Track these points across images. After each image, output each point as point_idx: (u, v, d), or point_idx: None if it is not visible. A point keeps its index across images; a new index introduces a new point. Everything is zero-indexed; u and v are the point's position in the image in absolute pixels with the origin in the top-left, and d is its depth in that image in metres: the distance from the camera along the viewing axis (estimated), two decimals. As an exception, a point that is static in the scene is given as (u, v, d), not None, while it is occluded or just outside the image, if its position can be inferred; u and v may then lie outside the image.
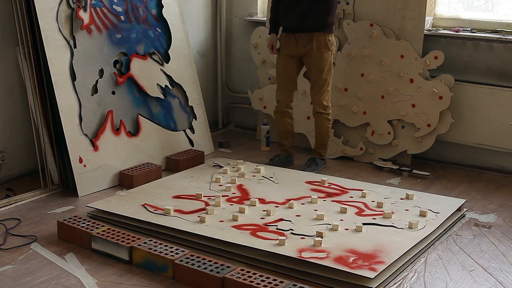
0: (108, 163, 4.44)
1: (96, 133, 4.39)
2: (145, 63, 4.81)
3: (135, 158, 4.63)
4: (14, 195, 4.21)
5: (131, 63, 4.70)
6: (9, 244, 3.57)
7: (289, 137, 4.91)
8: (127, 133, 4.61)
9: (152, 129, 4.80)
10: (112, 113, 4.52)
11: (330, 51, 4.59)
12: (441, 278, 3.25)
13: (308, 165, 4.79)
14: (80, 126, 4.29)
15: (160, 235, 3.61)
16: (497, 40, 4.68)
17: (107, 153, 4.45)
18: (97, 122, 4.42)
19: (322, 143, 4.82)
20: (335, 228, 3.60)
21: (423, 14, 4.77)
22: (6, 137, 4.45)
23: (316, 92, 4.68)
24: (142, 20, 4.80)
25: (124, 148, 4.58)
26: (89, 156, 4.33)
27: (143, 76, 4.78)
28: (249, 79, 5.80)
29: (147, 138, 4.75)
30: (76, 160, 4.24)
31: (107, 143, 4.46)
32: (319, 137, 4.80)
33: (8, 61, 4.38)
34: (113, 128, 4.52)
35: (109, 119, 4.49)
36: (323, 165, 4.86)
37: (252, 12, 5.78)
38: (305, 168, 4.76)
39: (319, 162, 4.82)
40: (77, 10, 4.34)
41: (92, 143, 4.36)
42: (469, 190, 4.46)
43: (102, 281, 3.18)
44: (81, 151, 4.28)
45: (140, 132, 4.71)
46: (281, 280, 3.04)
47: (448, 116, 4.76)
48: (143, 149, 4.71)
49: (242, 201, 4.06)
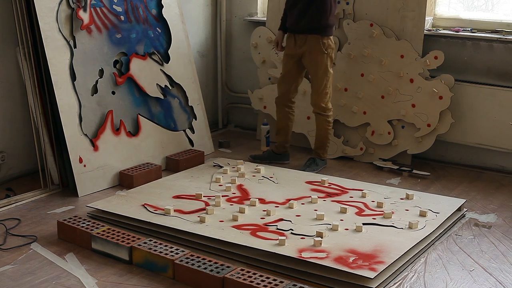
0: (108, 163, 4.44)
1: (96, 133, 4.39)
2: (144, 63, 4.81)
3: (135, 158, 4.63)
4: (14, 195, 4.21)
5: (131, 63, 4.70)
6: (9, 244, 3.57)
7: (281, 134, 4.94)
8: (127, 133, 4.61)
9: (152, 129, 4.80)
10: (112, 113, 4.52)
11: (326, 53, 4.59)
12: (441, 278, 3.25)
13: (308, 165, 4.79)
14: (80, 126, 4.29)
15: (160, 235, 3.61)
16: (497, 40, 4.68)
17: (107, 153, 4.45)
18: (97, 122, 4.42)
19: (321, 144, 4.83)
20: (335, 228, 3.60)
21: (423, 14, 4.77)
22: (6, 137, 4.45)
23: (313, 93, 4.72)
24: (142, 20, 4.80)
25: (124, 148, 4.58)
26: (89, 156, 4.33)
27: (143, 76, 4.78)
28: (249, 79, 5.80)
29: (147, 138, 4.75)
30: (76, 160, 4.24)
31: (107, 143, 4.46)
32: (318, 137, 4.82)
33: (8, 61, 4.38)
34: (113, 128, 4.52)
35: (109, 119, 4.49)
36: (323, 165, 4.86)
37: (252, 12, 5.78)
38: (305, 168, 4.76)
39: (319, 162, 4.82)
40: (77, 10, 4.34)
41: (92, 143, 4.36)
42: (469, 190, 4.46)
43: (102, 281, 3.18)
44: (81, 151, 4.28)
45: (140, 132, 4.71)
46: (281, 280, 3.04)
47: (448, 116, 4.76)
48: (143, 149, 4.71)
49: (242, 201, 4.06)
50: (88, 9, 4.43)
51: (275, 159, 4.96)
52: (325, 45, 4.58)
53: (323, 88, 4.65)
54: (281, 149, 4.99)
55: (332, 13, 4.58)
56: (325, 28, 4.58)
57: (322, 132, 4.78)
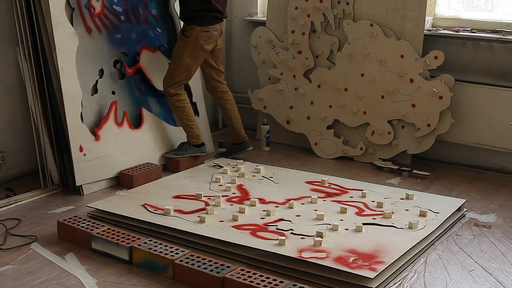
0: (108, 154, 4.45)
1: (98, 123, 4.41)
2: (154, 56, 4.86)
3: (135, 151, 4.65)
4: (14, 195, 4.21)
5: (141, 55, 4.74)
6: (9, 244, 3.57)
7: (228, 123, 5.07)
8: (129, 125, 4.63)
9: (153, 122, 4.83)
10: (116, 104, 4.54)
11: (186, 40, 4.64)
12: (441, 278, 3.25)
13: (175, 149, 4.84)
14: (81, 114, 4.30)
15: (160, 235, 3.61)
16: (497, 40, 4.68)
17: (108, 143, 4.46)
18: (101, 111, 4.45)
19: (183, 128, 4.87)
20: (335, 228, 3.60)
21: (423, 14, 4.77)
22: (6, 137, 4.45)
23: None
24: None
25: (126, 139, 4.59)
26: (90, 145, 4.34)
27: (151, 69, 4.83)
28: (249, 79, 5.80)
29: (148, 131, 4.77)
30: (77, 149, 4.25)
31: (109, 133, 4.47)
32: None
33: (8, 61, 4.38)
34: (116, 119, 4.54)
35: (112, 110, 4.51)
36: (195, 152, 4.83)
37: (252, 12, 5.78)
38: (171, 151, 4.81)
39: (188, 147, 4.82)
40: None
41: (94, 132, 4.37)
42: (469, 190, 4.46)
43: (102, 281, 3.18)
44: (82, 140, 4.29)
45: (142, 125, 4.73)
46: (281, 280, 3.04)
47: (448, 116, 4.76)
48: (145, 142, 4.72)
49: (242, 201, 4.06)
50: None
51: (237, 150, 5.00)
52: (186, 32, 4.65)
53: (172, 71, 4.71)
54: (237, 139, 5.03)
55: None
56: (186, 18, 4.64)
57: (176, 116, 4.86)
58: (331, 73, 5.10)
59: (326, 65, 5.17)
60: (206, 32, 4.62)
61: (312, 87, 5.21)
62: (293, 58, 5.26)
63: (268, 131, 5.33)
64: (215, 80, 4.95)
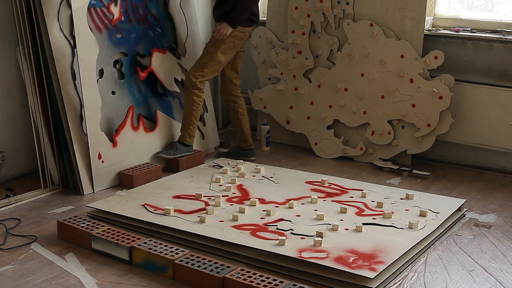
0: (124, 159, 4.51)
1: (116, 129, 4.47)
2: (164, 57, 4.91)
3: (150, 153, 4.73)
4: (14, 195, 4.21)
5: (152, 57, 4.79)
6: (9, 244, 3.57)
7: (237, 130, 5.07)
8: (145, 128, 4.70)
9: (165, 121, 4.88)
10: (133, 109, 4.60)
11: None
12: (441, 278, 3.25)
13: (165, 149, 4.82)
14: (100, 123, 4.37)
15: (160, 235, 3.61)
16: (497, 40, 4.68)
17: (125, 148, 4.52)
18: (118, 117, 4.50)
19: (183, 124, 4.82)
20: (335, 228, 3.60)
21: (423, 14, 4.77)
22: (6, 137, 4.45)
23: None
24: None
25: (141, 143, 4.65)
26: (108, 152, 4.39)
27: (162, 70, 4.89)
28: (249, 79, 5.79)
29: (162, 132, 4.84)
30: (95, 157, 4.30)
31: (126, 139, 4.53)
32: (183, 117, 4.86)
33: (8, 61, 4.38)
34: (133, 124, 4.60)
35: (129, 115, 4.57)
36: (185, 152, 4.80)
37: (252, 12, 5.77)
38: (161, 151, 4.79)
39: (180, 147, 4.79)
40: (108, 5, 4.44)
41: (112, 139, 4.42)
42: (469, 190, 4.46)
43: (102, 281, 3.18)
44: (100, 148, 4.34)
45: (157, 127, 4.80)
46: (281, 280, 3.04)
47: (448, 116, 4.76)
48: (159, 144, 4.80)
49: (242, 201, 4.06)
50: (119, 3, 4.51)
51: (241, 155, 5.00)
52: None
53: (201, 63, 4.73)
54: (244, 144, 5.04)
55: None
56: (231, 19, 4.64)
57: (184, 110, 4.81)
58: (331, 73, 5.11)
59: (326, 65, 5.17)
60: (242, 32, 4.69)
61: (312, 87, 5.21)
62: (293, 58, 5.26)
63: (268, 131, 5.34)
64: (232, 83, 4.97)
